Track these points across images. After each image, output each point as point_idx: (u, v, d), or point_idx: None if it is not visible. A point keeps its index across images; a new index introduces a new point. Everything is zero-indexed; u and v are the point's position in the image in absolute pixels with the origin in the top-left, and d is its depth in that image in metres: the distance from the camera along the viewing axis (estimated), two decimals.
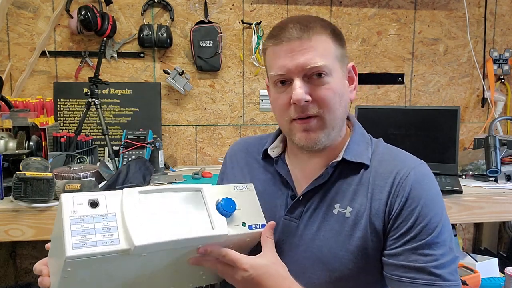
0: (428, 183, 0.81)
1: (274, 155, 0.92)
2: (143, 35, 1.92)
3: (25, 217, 1.27)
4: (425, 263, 0.75)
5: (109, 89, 1.97)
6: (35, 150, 1.49)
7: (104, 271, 0.70)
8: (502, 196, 1.50)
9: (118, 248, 0.66)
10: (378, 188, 0.81)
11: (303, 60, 0.77)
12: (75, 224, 0.65)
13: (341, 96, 0.82)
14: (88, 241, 0.64)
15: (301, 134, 0.81)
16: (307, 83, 0.79)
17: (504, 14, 2.20)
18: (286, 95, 0.80)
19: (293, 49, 0.78)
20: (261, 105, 2.09)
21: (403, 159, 0.84)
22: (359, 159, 0.84)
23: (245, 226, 0.79)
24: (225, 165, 1.04)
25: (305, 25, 0.78)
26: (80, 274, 0.67)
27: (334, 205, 0.83)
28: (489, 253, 2.15)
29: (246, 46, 2.06)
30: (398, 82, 2.17)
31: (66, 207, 0.66)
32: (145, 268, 0.74)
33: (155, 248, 0.69)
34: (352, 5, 2.10)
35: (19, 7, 1.92)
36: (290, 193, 0.88)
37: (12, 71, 1.94)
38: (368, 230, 0.79)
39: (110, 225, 0.67)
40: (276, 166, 0.91)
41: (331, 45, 0.80)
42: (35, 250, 2.04)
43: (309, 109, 0.79)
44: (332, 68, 0.79)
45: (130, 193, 0.72)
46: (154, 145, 1.76)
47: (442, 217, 0.78)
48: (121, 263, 0.70)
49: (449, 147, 1.66)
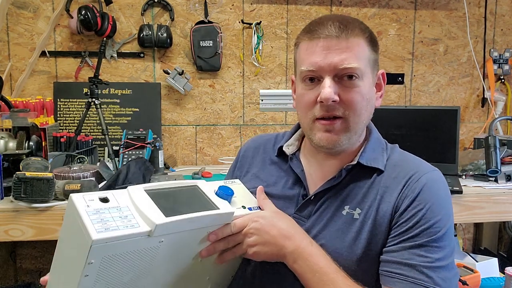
0: (438, 188, 0.80)
1: (289, 153, 0.92)
2: (143, 35, 1.92)
3: (25, 217, 1.27)
4: (418, 262, 0.73)
5: (109, 89, 1.97)
6: (35, 150, 1.49)
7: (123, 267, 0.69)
8: (502, 196, 1.50)
9: (140, 230, 0.66)
10: (389, 191, 0.80)
11: (337, 59, 0.76)
12: (92, 214, 0.65)
13: (368, 101, 0.81)
14: (110, 226, 0.64)
15: (322, 134, 0.80)
16: (337, 83, 0.78)
17: (504, 14, 2.20)
18: (314, 93, 0.79)
19: (328, 46, 0.77)
20: (261, 105, 2.09)
21: (417, 165, 0.84)
22: (374, 164, 0.83)
23: (245, 208, 0.83)
24: (236, 161, 1.04)
25: (345, 25, 0.78)
26: (102, 269, 0.66)
27: (344, 206, 0.82)
28: (489, 253, 2.15)
29: (246, 46, 2.06)
30: (398, 82, 2.17)
31: (79, 203, 0.66)
32: (156, 269, 0.74)
33: (173, 228, 0.70)
34: (352, 5, 2.10)
35: (19, 7, 1.92)
36: (302, 191, 0.87)
37: (12, 71, 1.94)
38: (373, 232, 0.78)
39: (126, 213, 0.68)
40: (291, 163, 0.91)
41: (366, 49, 0.80)
42: (35, 250, 2.04)
43: (335, 110, 0.78)
44: (364, 72, 0.79)
45: (136, 188, 0.74)
46: (154, 145, 1.75)
47: (447, 225, 0.77)
48: (140, 257, 0.69)
49: (449, 147, 1.66)
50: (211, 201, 0.78)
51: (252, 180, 0.94)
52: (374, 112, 0.86)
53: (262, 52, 2.07)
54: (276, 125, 2.13)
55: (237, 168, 1.02)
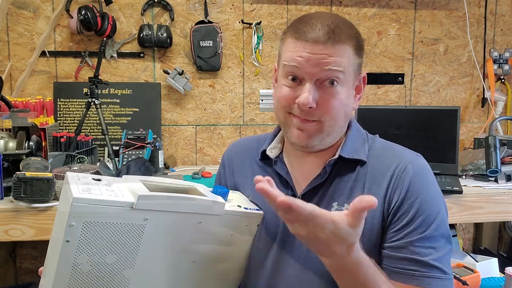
0: (426, 175, 0.82)
1: (273, 156, 0.92)
2: (143, 35, 1.92)
3: (25, 217, 1.27)
4: (425, 256, 0.76)
5: (109, 89, 1.97)
6: (35, 150, 1.49)
7: (106, 241, 0.69)
8: (502, 196, 1.50)
9: (122, 199, 0.67)
10: (375, 183, 0.81)
11: (322, 63, 0.77)
12: (81, 184, 0.68)
13: (346, 106, 0.82)
14: (94, 192, 0.66)
15: (295, 131, 0.81)
16: (318, 88, 0.78)
17: (504, 14, 2.20)
18: (293, 92, 0.80)
19: (314, 50, 0.77)
20: (261, 105, 2.09)
21: (400, 153, 0.85)
22: (356, 155, 0.84)
23: (240, 207, 0.83)
24: (223, 167, 1.04)
25: (333, 30, 0.78)
26: (84, 236, 0.66)
27: (332, 203, 0.83)
28: (489, 253, 2.15)
29: (246, 46, 2.06)
30: (398, 82, 2.17)
31: (71, 176, 0.71)
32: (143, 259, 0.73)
33: (158, 204, 0.70)
34: (352, 5, 2.10)
35: (19, 7, 1.92)
36: (289, 193, 0.87)
37: (12, 71, 1.94)
38: (365, 225, 0.77)
39: (113, 188, 0.70)
40: (276, 167, 0.91)
41: (351, 56, 0.80)
42: (35, 250, 2.04)
43: (310, 115, 0.79)
44: (346, 78, 0.80)
45: (131, 177, 0.77)
46: (154, 145, 1.75)
47: (441, 208, 0.80)
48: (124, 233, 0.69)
49: (449, 147, 1.66)
50: (203, 194, 0.78)
51: (251, 189, 0.93)
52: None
53: (262, 52, 2.07)
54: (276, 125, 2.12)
55: (226, 175, 1.01)
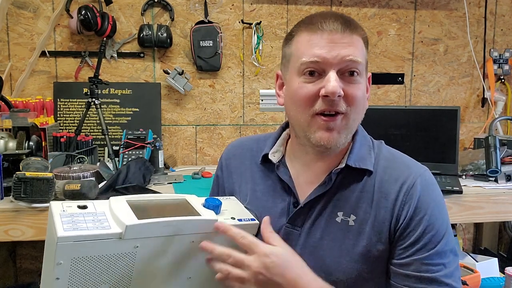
0: (434, 191, 0.80)
1: (275, 160, 0.88)
2: (143, 35, 1.92)
3: (25, 217, 1.27)
4: (436, 273, 0.75)
5: (109, 89, 1.97)
6: (35, 150, 1.49)
7: (97, 273, 0.67)
8: (502, 196, 1.50)
9: (110, 231, 0.65)
10: (383, 195, 0.79)
11: (344, 52, 0.75)
12: (65, 217, 0.65)
13: (365, 100, 0.81)
14: (80, 227, 0.64)
15: (322, 133, 0.77)
16: (340, 78, 0.76)
17: (504, 14, 2.20)
18: (314, 86, 0.76)
19: (334, 40, 0.75)
20: (261, 105, 2.09)
21: (408, 165, 0.82)
22: (363, 165, 0.81)
23: (234, 219, 0.79)
24: (220, 169, 1.00)
25: (348, 20, 0.77)
26: (74, 272, 0.65)
27: (337, 212, 0.81)
28: (489, 253, 2.15)
29: (246, 46, 2.06)
30: (398, 82, 2.17)
31: (55, 208, 0.67)
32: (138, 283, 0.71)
33: (147, 231, 0.67)
34: (352, 5, 2.10)
35: (19, 7, 1.91)
36: (292, 200, 0.84)
37: (12, 71, 1.94)
38: (372, 238, 0.78)
39: (100, 218, 0.67)
40: (278, 172, 0.87)
41: (364, 49, 0.80)
42: (35, 250, 2.04)
43: (338, 105, 0.76)
44: (363, 71, 0.79)
45: (118, 199, 0.73)
46: (154, 145, 1.75)
47: (448, 224, 0.79)
48: (115, 263, 0.68)
49: (449, 147, 1.66)
50: (194, 210, 0.75)
51: (249, 194, 0.90)
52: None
53: (262, 52, 2.07)
54: (276, 125, 2.13)
55: (224, 177, 0.98)
